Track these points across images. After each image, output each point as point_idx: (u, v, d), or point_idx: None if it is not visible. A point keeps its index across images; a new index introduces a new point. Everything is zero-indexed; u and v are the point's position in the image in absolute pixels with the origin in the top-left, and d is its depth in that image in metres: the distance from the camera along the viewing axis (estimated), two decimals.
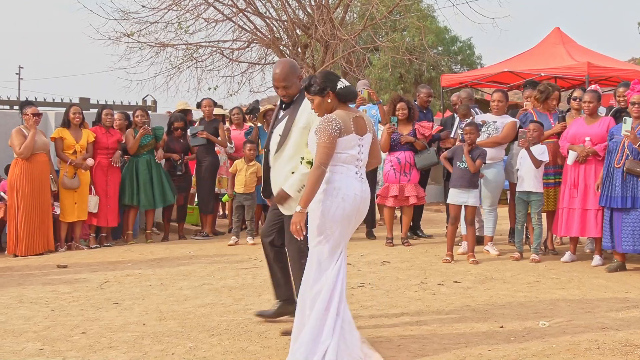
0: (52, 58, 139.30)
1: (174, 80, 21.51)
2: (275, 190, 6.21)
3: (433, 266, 9.15)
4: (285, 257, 6.43)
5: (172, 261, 9.78)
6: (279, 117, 6.34)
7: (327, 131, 5.39)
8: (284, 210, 6.15)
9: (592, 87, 10.73)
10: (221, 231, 12.45)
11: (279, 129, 6.23)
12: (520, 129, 9.55)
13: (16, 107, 13.46)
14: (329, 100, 5.61)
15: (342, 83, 5.64)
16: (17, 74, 57.43)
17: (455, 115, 11.34)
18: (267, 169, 6.39)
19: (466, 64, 36.77)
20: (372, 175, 11.41)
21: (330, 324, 5.37)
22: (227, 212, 13.69)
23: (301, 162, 5.97)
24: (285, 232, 6.20)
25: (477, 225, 10.10)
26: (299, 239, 5.45)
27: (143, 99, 16.59)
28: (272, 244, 6.50)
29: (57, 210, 11.02)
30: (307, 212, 5.44)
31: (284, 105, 6.36)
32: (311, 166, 5.60)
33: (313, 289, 5.49)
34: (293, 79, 6.26)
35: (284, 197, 6.09)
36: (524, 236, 9.94)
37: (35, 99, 13.97)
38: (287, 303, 6.53)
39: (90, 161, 11.04)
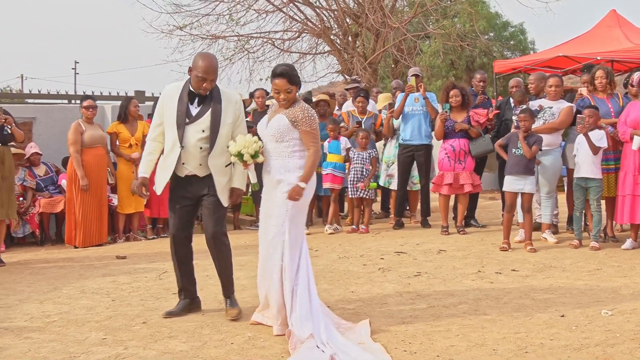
0: (107, 52, 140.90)
1: (226, 72, 21.73)
2: (218, 186, 6.32)
3: (490, 254, 9.09)
4: (192, 254, 6.73)
5: None
6: (192, 113, 6.28)
7: (315, 119, 6.08)
8: (225, 201, 6.41)
9: None
10: None
11: (201, 124, 6.25)
12: (578, 115, 9.41)
13: (74, 101, 13.67)
14: (296, 93, 6.13)
15: None
16: (73, 68, 58.37)
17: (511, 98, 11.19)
18: (179, 164, 6.32)
19: (518, 50, 36.33)
20: (426, 164, 11.37)
21: (316, 301, 5.99)
22: None
23: (233, 156, 6.07)
24: (215, 220, 6.41)
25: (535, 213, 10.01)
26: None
27: None
28: (188, 239, 6.65)
29: (115, 202, 11.17)
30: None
31: (197, 100, 6.28)
32: (239, 159, 6.03)
33: (293, 269, 5.97)
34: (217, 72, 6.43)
35: (240, 194, 6.51)
36: (583, 223, 9.80)
37: (93, 92, 14.14)
38: (193, 300, 6.76)
39: (135, 155, 11.11)
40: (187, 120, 6.23)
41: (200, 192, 6.37)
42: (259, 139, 6.11)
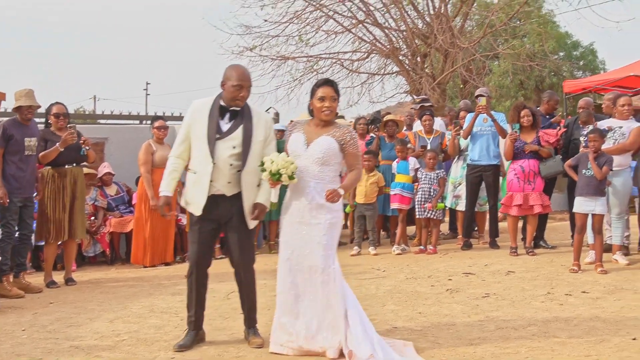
0: (177, 73, 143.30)
1: (295, 92, 21.85)
2: (247, 204, 6.12)
3: (559, 276, 8.96)
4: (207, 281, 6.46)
5: None
6: (223, 128, 6.08)
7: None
8: (251, 224, 6.22)
9: None
10: (343, 241, 12.45)
11: (233, 140, 6.05)
12: None
13: (145, 122, 13.93)
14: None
15: None
16: (144, 89, 59.49)
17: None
18: (209, 182, 6.06)
19: (589, 69, 35.89)
20: (494, 184, 11.29)
21: (366, 320, 5.93)
22: (348, 222, 13.72)
23: (262, 170, 5.88)
24: (244, 248, 6.27)
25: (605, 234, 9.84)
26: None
27: (265, 111, 16.82)
28: (208, 266, 6.39)
29: (184, 222, 11.31)
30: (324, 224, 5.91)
31: (228, 115, 6.10)
32: (274, 178, 5.80)
33: (343, 289, 5.95)
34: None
35: (264, 210, 6.24)
36: None
37: (164, 113, 14.37)
38: (200, 331, 6.49)
39: None
40: (218, 136, 6.04)
41: (226, 215, 6.16)
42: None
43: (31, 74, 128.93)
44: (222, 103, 6.13)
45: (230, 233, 6.22)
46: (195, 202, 6.14)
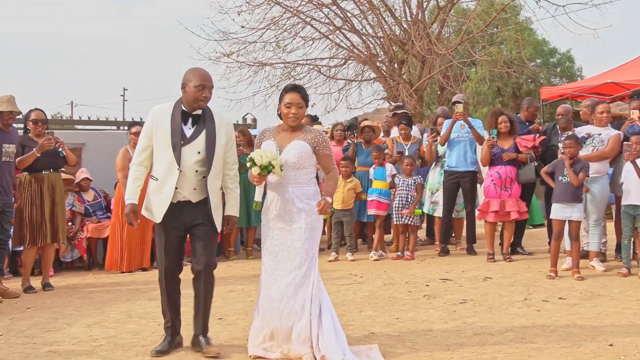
0: (155, 79, 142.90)
1: (272, 99, 21.87)
2: (212, 210, 6.03)
3: (537, 282, 9.00)
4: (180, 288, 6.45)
5: None
6: (187, 134, 5.97)
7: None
8: (219, 226, 6.17)
9: None
10: (321, 247, 12.41)
11: (197, 146, 5.96)
12: (625, 142, 9.32)
13: (123, 128, 13.90)
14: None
15: None
16: (121, 95, 59.32)
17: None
18: (172, 190, 5.95)
19: (566, 76, 36.15)
20: (471, 190, 11.33)
21: (339, 325, 5.98)
22: (325, 228, 13.72)
23: (251, 166, 5.82)
24: (209, 252, 6.21)
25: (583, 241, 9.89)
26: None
27: (243, 117, 16.82)
28: (179, 272, 6.43)
29: None
30: (303, 228, 5.92)
31: (190, 120, 6.00)
32: (264, 171, 5.80)
33: (321, 293, 5.97)
34: None
35: (236, 221, 6.35)
36: (632, 251, 9.66)
37: (141, 118, 14.34)
38: (178, 336, 6.43)
39: None
40: (182, 142, 5.93)
41: (192, 221, 6.07)
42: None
43: (8, 79, 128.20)
44: (183, 108, 6.03)
45: (196, 238, 6.14)
46: (156, 210, 6.05)
